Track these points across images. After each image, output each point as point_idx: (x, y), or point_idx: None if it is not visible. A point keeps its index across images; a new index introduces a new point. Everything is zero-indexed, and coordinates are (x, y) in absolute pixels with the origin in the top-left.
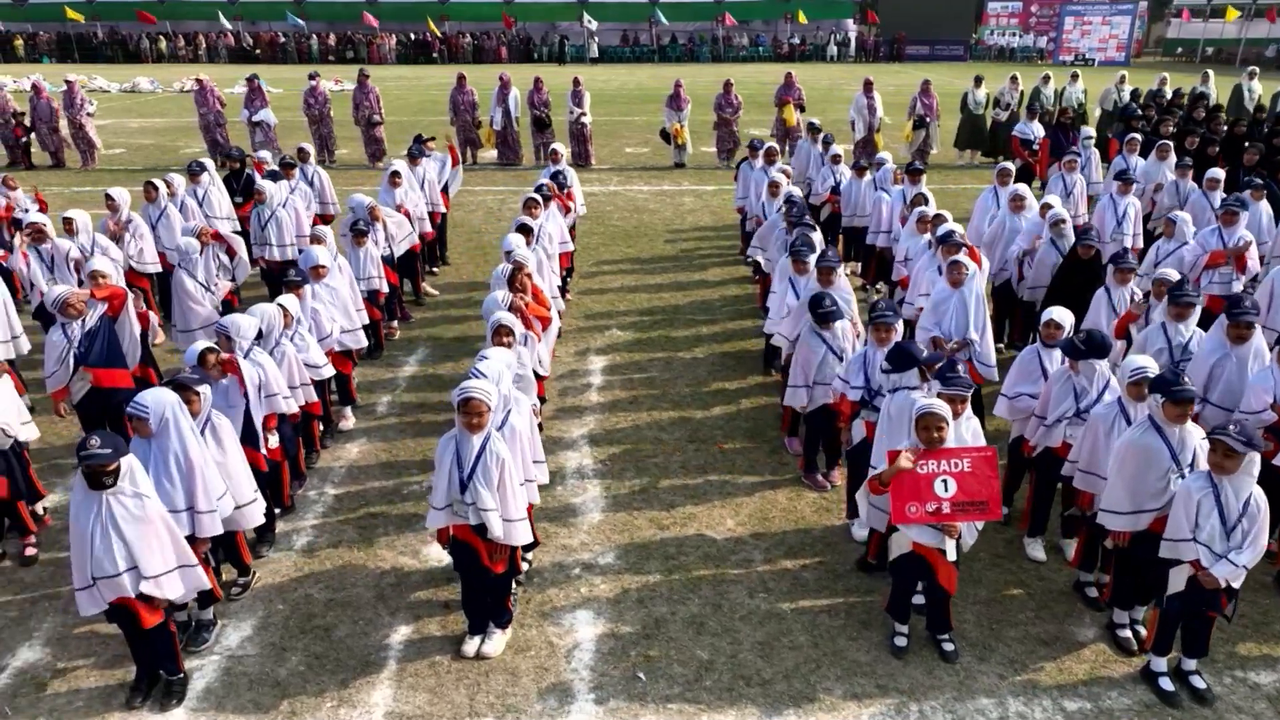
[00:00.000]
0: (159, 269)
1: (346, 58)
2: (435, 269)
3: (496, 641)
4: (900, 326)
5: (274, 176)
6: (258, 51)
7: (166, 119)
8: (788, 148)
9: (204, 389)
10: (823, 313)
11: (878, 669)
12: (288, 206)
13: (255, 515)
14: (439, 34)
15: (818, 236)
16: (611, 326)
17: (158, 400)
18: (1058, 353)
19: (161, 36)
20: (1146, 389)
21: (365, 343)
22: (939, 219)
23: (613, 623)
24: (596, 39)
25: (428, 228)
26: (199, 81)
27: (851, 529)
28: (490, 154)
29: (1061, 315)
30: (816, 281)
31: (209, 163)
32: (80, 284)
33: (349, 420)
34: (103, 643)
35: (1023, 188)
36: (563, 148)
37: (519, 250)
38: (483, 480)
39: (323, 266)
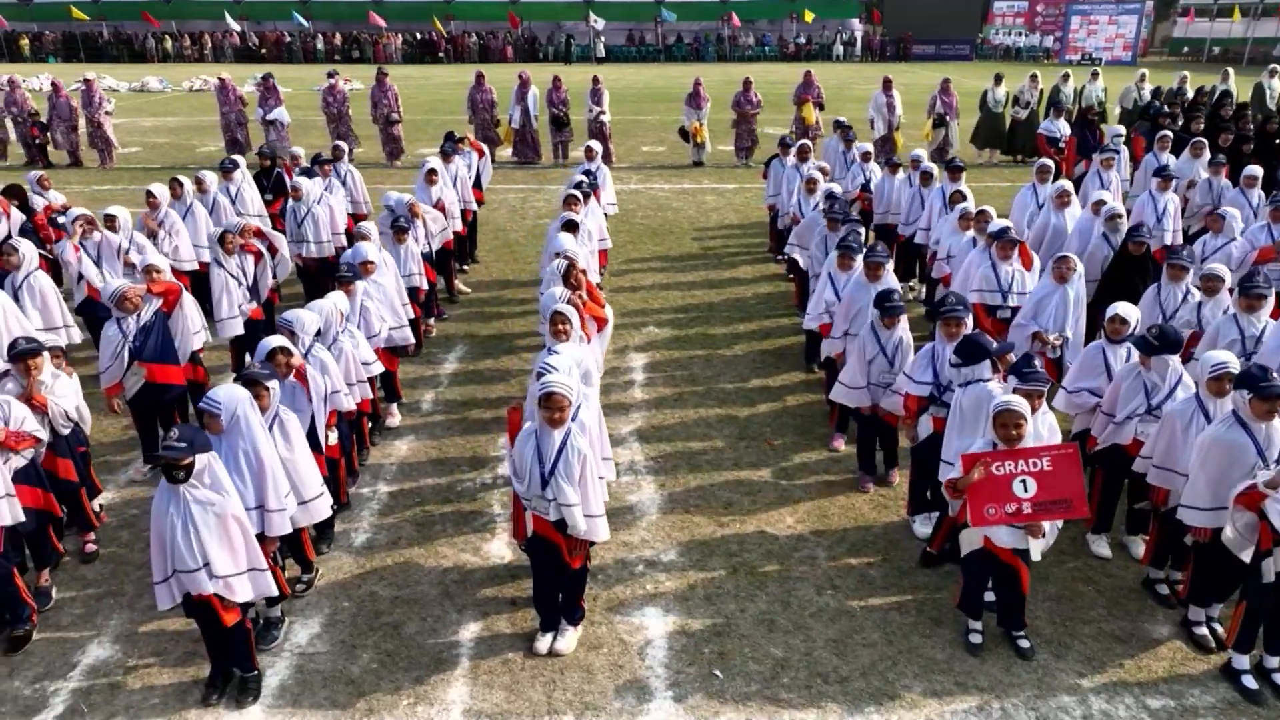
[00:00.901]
0: (195, 266)
1: (352, 57)
2: (465, 267)
3: (569, 638)
4: (970, 321)
5: (308, 173)
6: (263, 51)
7: (179, 118)
8: None
9: (273, 384)
10: (890, 306)
11: (955, 666)
12: (323, 203)
13: (322, 510)
14: (445, 33)
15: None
16: (648, 324)
17: (230, 396)
18: (1123, 349)
19: (167, 36)
20: (1229, 384)
21: (413, 339)
22: (983, 215)
23: (682, 619)
24: (603, 38)
25: (460, 225)
26: (221, 80)
27: (913, 526)
28: (505, 152)
29: (1127, 311)
30: (864, 277)
31: (241, 159)
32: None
33: (395, 417)
34: (172, 640)
35: (1066, 184)
36: (597, 145)
37: (569, 246)
38: (565, 475)
39: (371, 262)
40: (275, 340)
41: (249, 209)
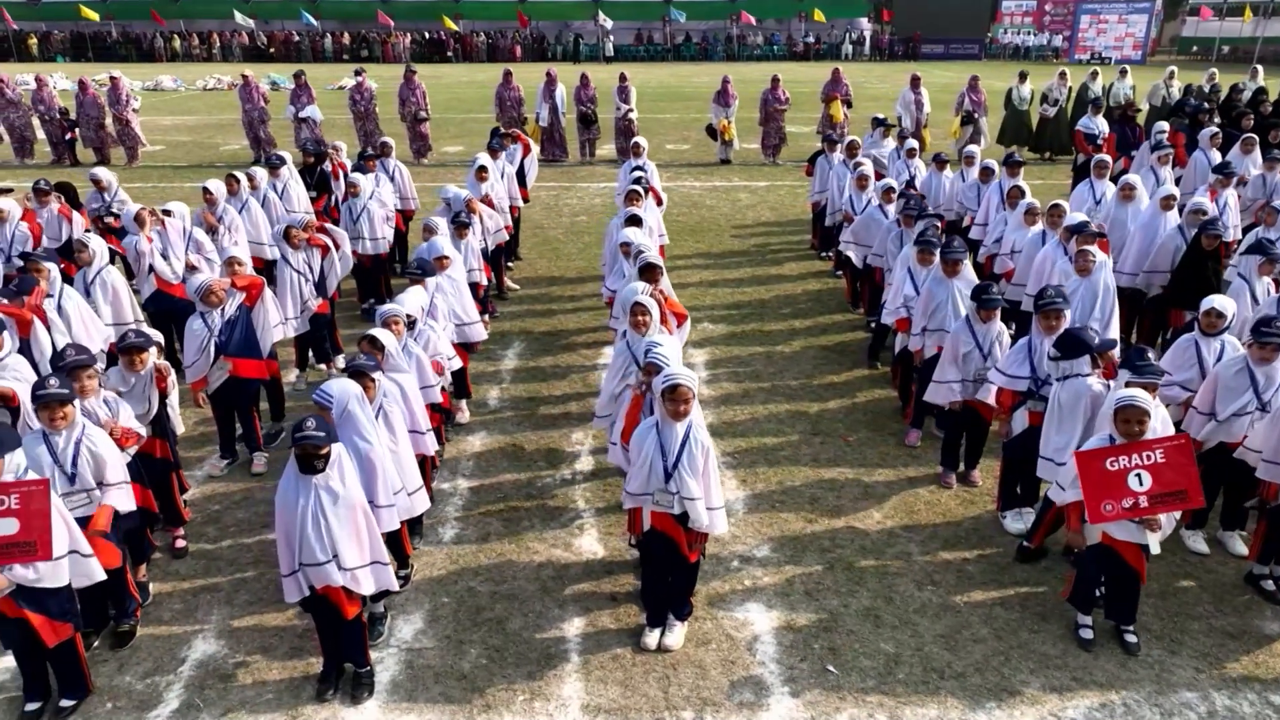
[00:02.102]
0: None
1: (361, 56)
2: (511, 263)
3: (677, 634)
4: (1069, 314)
5: (360, 169)
6: (272, 50)
7: (196, 116)
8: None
9: (379, 375)
10: (988, 299)
11: (1069, 661)
12: (375, 199)
13: (423, 503)
14: (455, 29)
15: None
16: (701, 320)
17: (343, 390)
18: (1216, 343)
19: (175, 35)
20: None
21: (484, 335)
22: (1057, 209)
23: (787, 614)
24: (611, 38)
25: (508, 221)
26: (244, 77)
27: (1004, 521)
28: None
29: (1224, 304)
30: (942, 272)
31: (287, 155)
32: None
33: (464, 413)
34: (275, 635)
35: (1134, 178)
36: (644, 140)
37: (637, 240)
38: (688, 468)
39: (447, 257)
40: (379, 331)
41: (295, 205)
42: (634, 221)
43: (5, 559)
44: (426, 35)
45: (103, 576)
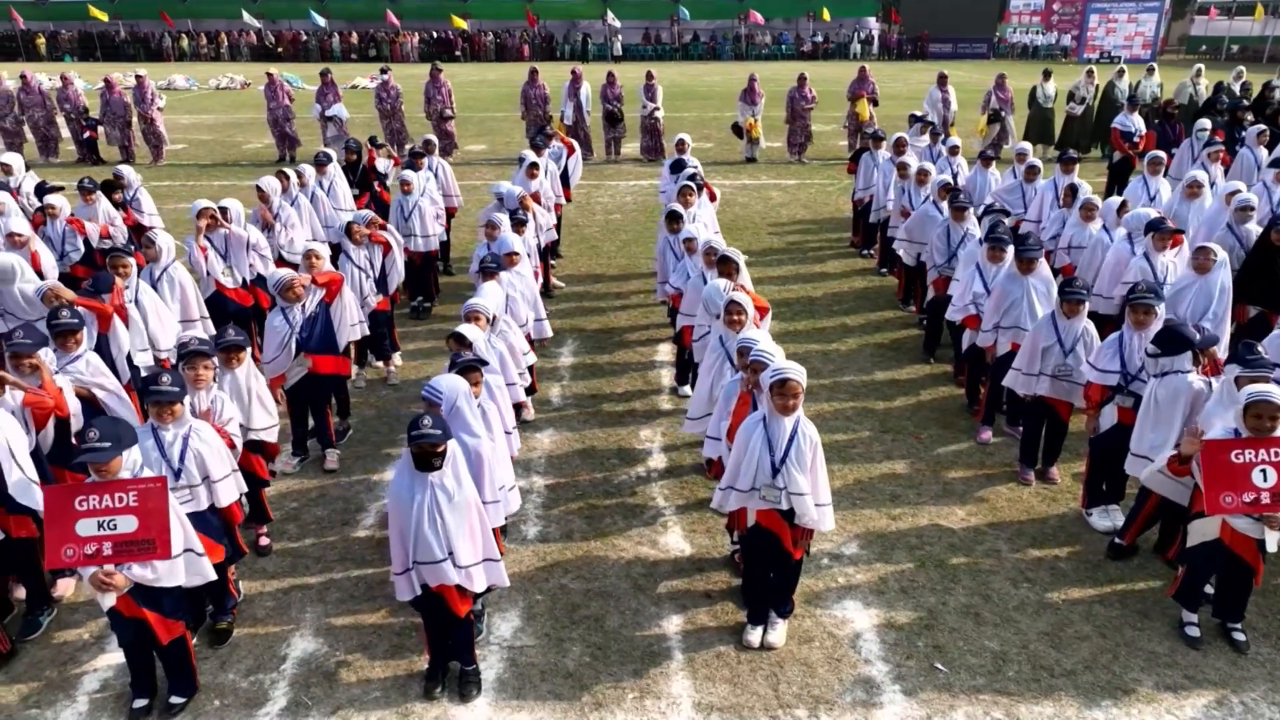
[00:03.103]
0: None
1: (369, 56)
2: (553, 261)
3: (780, 632)
4: (1161, 310)
5: (411, 166)
6: (279, 50)
7: (214, 115)
8: (858, 142)
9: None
10: (1072, 293)
11: (1178, 659)
12: (425, 195)
13: (517, 501)
14: (464, 29)
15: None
16: None
17: (451, 386)
18: None
19: (183, 35)
20: None
21: (550, 333)
22: (1125, 206)
23: (885, 612)
24: (619, 37)
25: (554, 219)
26: (269, 75)
27: (1089, 519)
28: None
29: None
30: (1016, 270)
31: (333, 153)
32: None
33: (530, 410)
34: (374, 633)
35: (1199, 174)
36: (688, 137)
37: (704, 236)
38: (796, 463)
39: (516, 253)
40: (468, 327)
41: (342, 203)
42: (674, 218)
43: (124, 557)
44: (434, 35)
45: (215, 576)
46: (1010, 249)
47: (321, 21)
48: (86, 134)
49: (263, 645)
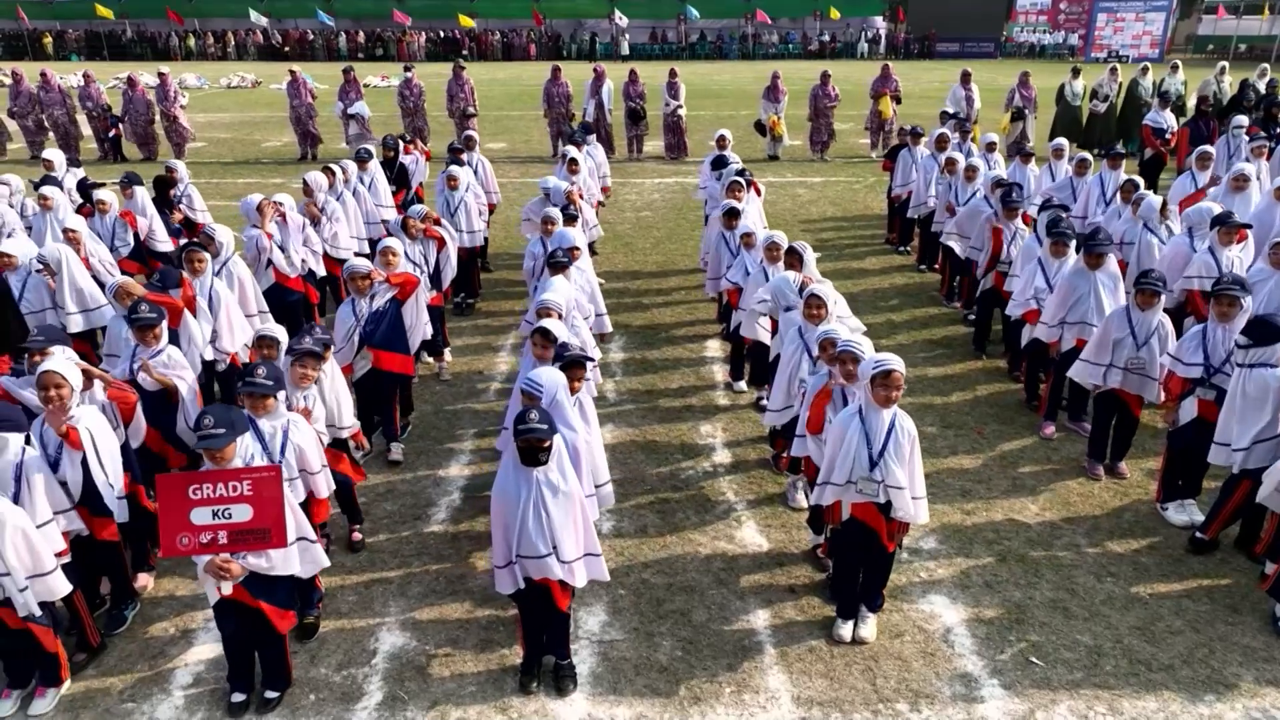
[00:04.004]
0: (351, 254)
1: (376, 55)
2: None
3: (871, 626)
4: (1247, 302)
5: (456, 162)
6: (286, 49)
7: (229, 114)
8: (880, 140)
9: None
10: (1148, 284)
11: (1275, 654)
12: (470, 191)
13: (611, 497)
14: (471, 26)
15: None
16: None
17: (551, 380)
18: None
19: (190, 34)
20: None
21: (609, 328)
22: (1165, 206)
23: (972, 607)
24: (627, 36)
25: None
26: (291, 73)
27: (1165, 513)
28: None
29: None
30: (1084, 264)
31: (373, 149)
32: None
33: None
34: (460, 628)
35: (1248, 167)
36: (728, 133)
37: (776, 234)
38: (895, 456)
39: (578, 248)
40: (547, 322)
41: (382, 199)
42: (732, 214)
43: (240, 546)
44: (441, 34)
45: (328, 563)
46: (1073, 243)
47: (329, 20)
48: (110, 132)
49: (351, 640)
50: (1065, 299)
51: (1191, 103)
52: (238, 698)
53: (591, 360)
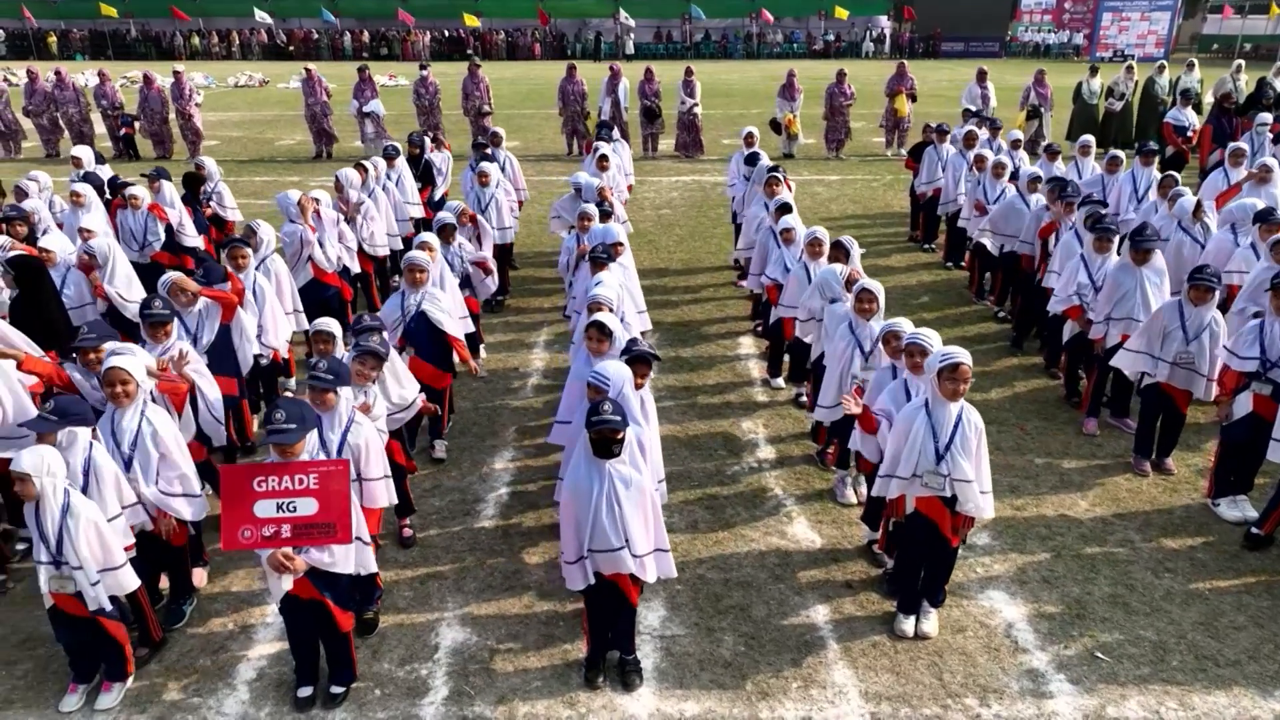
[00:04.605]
0: (387, 251)
1: (380, 54)
2: None
3: (933, 621)
4: None
5: (486, 158)
6: (291, 49)
7: (239, 112)
8: (895, 138)
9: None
10: (1202, 279)
11: None
12: (501, 188)
13: (664, 494)
14: (476, 25)
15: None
16: None
17: (618, 374)
18: None
19: (194, 33)
20: None
21: (650, 325)
22: (1200, 206)
23: (1032, 602)
24: (632, 35)
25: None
26: (307, 71)
27: (1217, 509)
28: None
29: None
30: (1131, 259)
31: (399, 146)
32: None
33: None
34: (521, 623)
35: (1271, 160)
36: (756, 130)
37: (818, 230)
38: (961, 450)
39: (622, 244)
40: (602, 316)
41: (408, 196)
42: (785, 209)
43: (304, 540)
44: (446, 33)
45: (376, 568)
46: (1117, 239)
47: (334, 19)
48: (124, 130)
49: (411, 635)
50: (1111, 295)
51: (1208, 101)
52: (304, 692)
53: (658, 359)
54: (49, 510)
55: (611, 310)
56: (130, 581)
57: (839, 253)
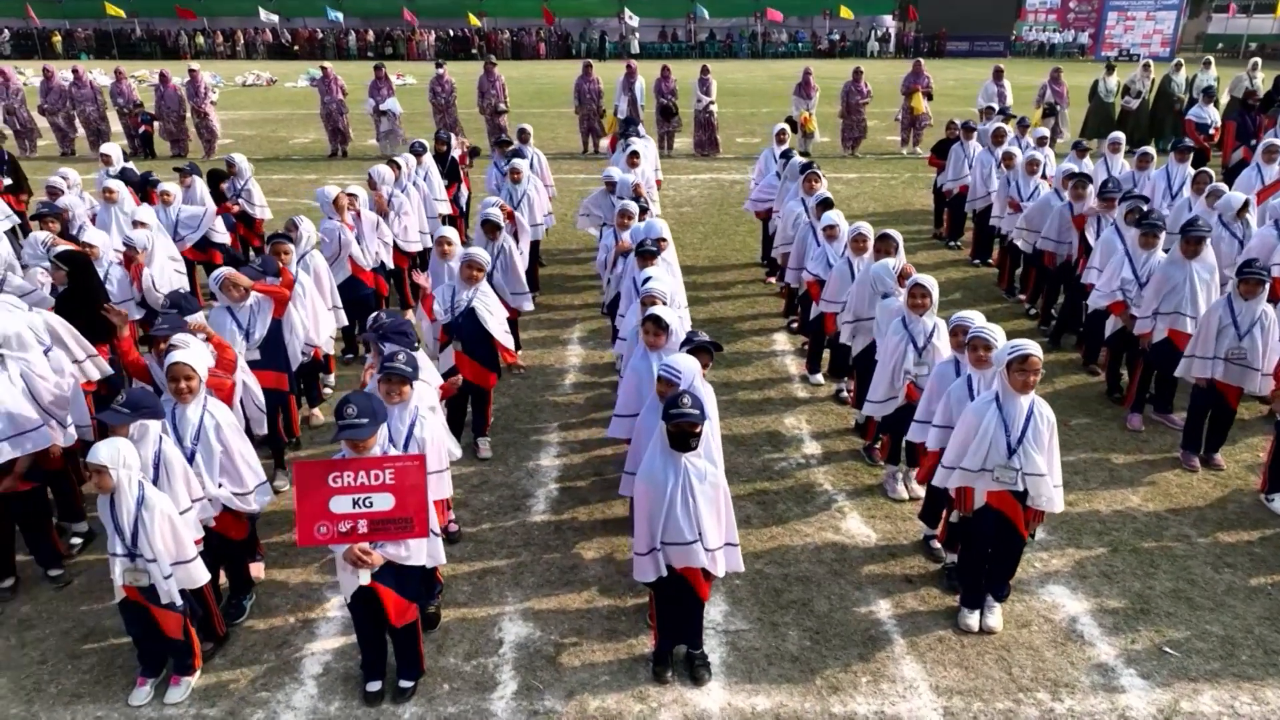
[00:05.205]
0: (420, 247)
1: (385, 54)
2: None
3: (998, 616)
4: None
5: (519, 154)
6: (296, 48)
7: (249, 111)
8: (910, 136)
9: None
10: (1251, 273)
11: None
12: (532, 184)
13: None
14: (480, 26)
15: None
16: None
17: (689, 367)
18: None
19: (199, 33)
20: None
21: (689, 323)
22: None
23: (1094, 597)
24: (637, 34)
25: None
26: (323, 69)
27: (1271, 504)
28: (608, 143)
29: None
30: (1181, 253)
31: (427, 143)
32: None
33: None
34: (583, 617)
35: None
36: (788, 127)
37: (863, 225)
38: (1034, 443)
39: (665, 239)
40: (658, 310)
41: (436, 192)
42: (827, 205)
43: (380, 535)
44: (450, 32)
45: (445, 559)
46: (1163, 235)
47: (339, 18)
48: (142, 128)
49: (474, 630)
50: (1159, 288)
51: (1224, 99)
52: (373, 687)
53: (720, 348)
54: (124, 502)
55: (666, 304)
56: (201, 575)
57: (887, 244)
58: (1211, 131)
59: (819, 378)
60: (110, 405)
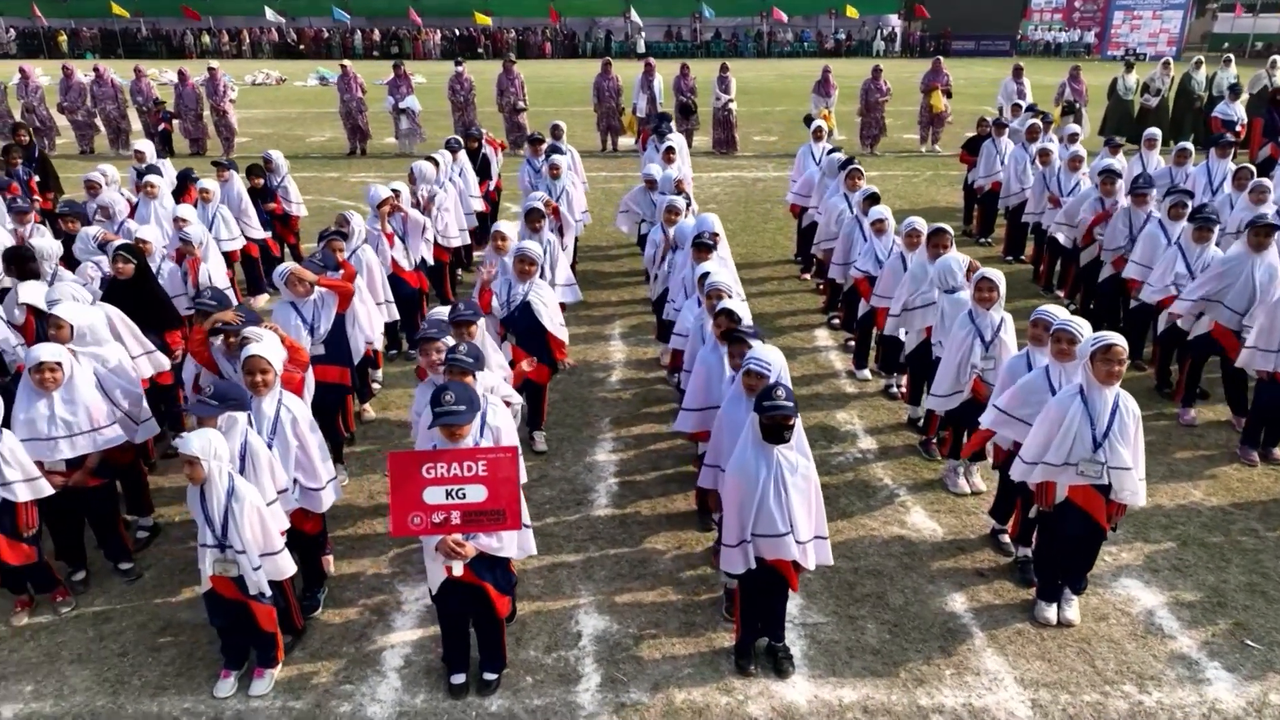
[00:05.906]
0: (462, 243)
1: (391, 53)
2: None
3: (1076, 609)
4: None
5: (557, 150)
6: (301, 47)
7: (262, 110)
8: (929, 134)
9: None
10: None
11: None
12: (570, 181)
13: None
14: (487, 24)
15: None
16: None
17: (777, 359)
18: None
19: (205, 32)
20: None
21: None
22: None
23: (1168, 591)
24: (642, 34)
25: None
26: (343, 68)
27: None
28: (628, 141)
29: None
30: (1248, 245)
31: (460, 140)
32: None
33: None
34: (659, 611)
35: None
36: (824, 124)
37: (916, 220)
38: (1120, 436)
39: (718, 234)
40: (729, 303)
41: (470, 189)
42: (874, 199)
43: (473, 527)
44: (456, 31)
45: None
46: (1216, 229)
47: (345, 17)
48: (162, 126)
49: (552, 623)
50: (1215, 278)
51: (1244, 97)
52: (458, 679)
53: (760, 338)
54: (215, 493)
55: (730, 296)
56: (289, 567)
57: (943, 239)
58: (1238, 128)
59: (866, 373)
60: (199, 397)
